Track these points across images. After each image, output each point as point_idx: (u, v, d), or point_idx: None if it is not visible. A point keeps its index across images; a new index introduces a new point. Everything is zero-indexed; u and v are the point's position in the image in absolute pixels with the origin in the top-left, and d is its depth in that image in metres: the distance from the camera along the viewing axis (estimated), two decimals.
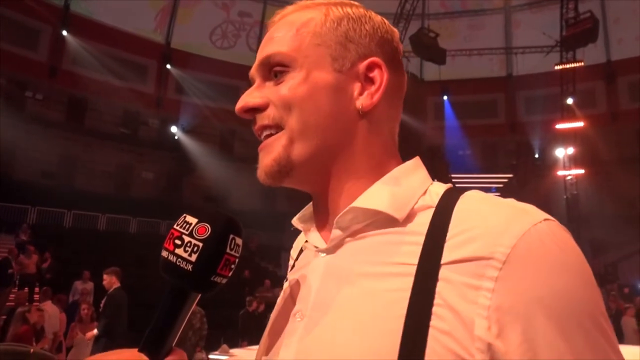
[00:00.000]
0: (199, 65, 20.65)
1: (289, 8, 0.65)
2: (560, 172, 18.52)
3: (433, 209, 0.56)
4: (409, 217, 0.56)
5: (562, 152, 18.52)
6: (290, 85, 0.60)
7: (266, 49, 0.63)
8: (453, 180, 18.51)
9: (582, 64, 17.18)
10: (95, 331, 5.89)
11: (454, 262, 0.50)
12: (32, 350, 2.81)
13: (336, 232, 0.59)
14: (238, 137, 21.07)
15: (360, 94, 0.61)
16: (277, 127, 0.61)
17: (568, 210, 18.25)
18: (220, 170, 19.30)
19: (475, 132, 21.39)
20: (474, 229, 0.50)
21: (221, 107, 20.75)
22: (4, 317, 7.13)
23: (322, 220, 0.64)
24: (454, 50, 19.38)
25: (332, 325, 0.54)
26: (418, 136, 18.37)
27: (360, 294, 0.53)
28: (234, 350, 6.99)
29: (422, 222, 0.55)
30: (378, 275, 0.53)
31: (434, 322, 0.48)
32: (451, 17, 22.82)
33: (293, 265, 0.72)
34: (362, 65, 0.61)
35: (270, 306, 10.66)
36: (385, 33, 0.65)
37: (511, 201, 0.54)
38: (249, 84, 0.66)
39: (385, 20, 0.66)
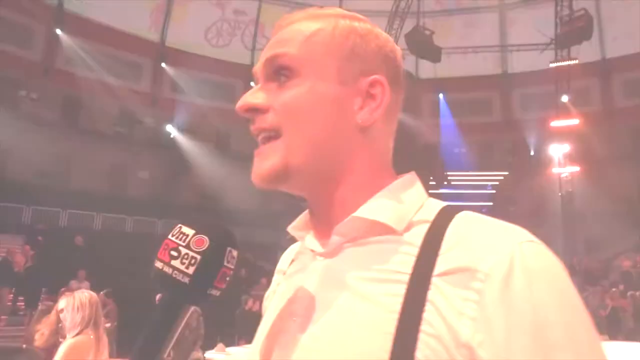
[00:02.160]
0: (194, 63, 20.58)
1: (298, 15, 0.67)
2: (555, 170, 18.58)
3: (429, 224, 0.58)
4: (406, 229, 0.59)
5: (557, 150, 18.58)
6: (295, 93, 0.61)
7: (274, 48, 0.63)
8: (449, 178, 18.57)
9: (577, 61, 17.22)
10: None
11: (445, 274, 0.53)
12: (24, 346, 2.82)
13: (335, 238, 0.61)
14: (234, 136, 21.02)
15: (361, 108, 0.62)
16: (275, 132, 0.61)
17: (563, 208, 18.34)
18: (216, 169, 19.25)
19: (471, 130, 21.43)
20: (465, 244, 0.54)
21: (217, 106, 20.70)
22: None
23: (319, 227, 0.66)
24: (449, 48, 19.39)
25: (327, 325, 0.56)
26: (413, 134, 18.40)
27: (355, 297, 0.56)
28: (230, 349, 7.00)
29: (418, 234, 0.58)
30: (374, 280, 0.56)
31: (424, 326, 0.51)
32: (446, 15, 22.83)
33: (285, 273, 0.73)
34: (366, 82, 0.63)
35: None
36: (390, 52, 0.66)
37: (502, 222, 0.57)
38: (244, 82, 0.66)
39: (390, 38, 0.68)
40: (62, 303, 2.96)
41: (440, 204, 0.62)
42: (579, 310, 0.51)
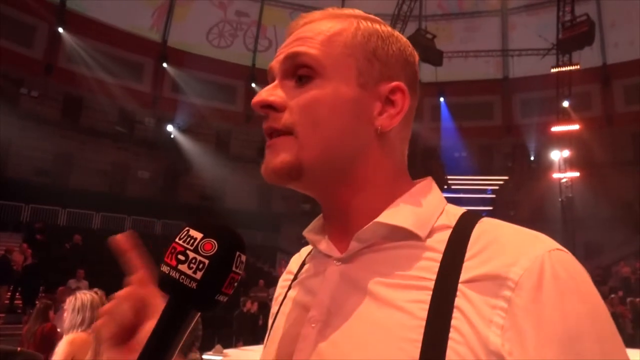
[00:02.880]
0: (195, 64, 20.60)
1: (317, 14, 0.65)
2: (556, 175, 18.59)
3: (451, 229, 0.58)
4: (429, 234, 0.58)
5: (557, 155, 18.60)
6: (314, 94, 0.59)
7: (294, 46, 0.62)
8: (449, 182, 18.58)
9: (578, 67, 17.24)
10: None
11: (472, 281, 0.52)
12: (19, 349, 2.81)
13: (354, 244, 0.60)
14: (234, 137, 21.04)
15: (380, 114, 0.61)
16: (288, 133, 0.60)
17: (563, 213, 18.34)
18: (216, 170, 19.27)
19: (471, 134, 21.45)
20: (491, 251, 0.53)
21: (217, 107, 20.72)
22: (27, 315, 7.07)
23: (335, 232, 0.64)
24: (451, 52, 19.42)
25: (348, 331, 0.55)
26: (414, 137, 18.32)
27: (377, 303, 0.55)
28: (228, 351, 6.98)
29: (441, 240, 0.57)
30: (396, 286, 0.55)
31: (452, 334, 0.50)
32: (448, 19, 22.88)
33: (295, 279, 0.71)
34: (386, 87, 0.61)
35: (264, 306, 10.66)
36: (410, 56, 0.65)
37: (527, 229, 0.56)
38: (245, 83, 0.65)
39: (409, 43, 0.66)
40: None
41: (460, 210, 0.61)
42: (609, 322, 0.51)
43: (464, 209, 0.62)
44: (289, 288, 0.70)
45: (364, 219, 0.59)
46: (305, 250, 0.75)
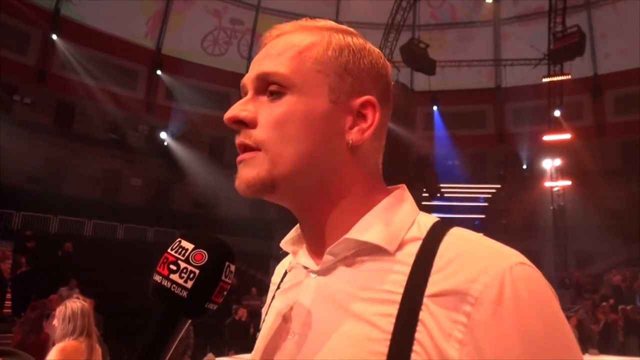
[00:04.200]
0: (189, 71, 20.61)
1: (289, 26, 0.65)
2: (548, 184, 18.72)
3: (420, 242, 0.58)
4: (399, 247, 0.59)
5: (549, 164, 18.73)
6: (286, 110, 0.60)
7: (264, 64, 0.62)
8: (442, 190, 18.63)
9: (570, 77, 17.45)
10: None
11: (436, 295, 0.53)
12: (13, 349, 2.77)
13: (328, 257, 0.61)
14: (228, 144, 20.99)
15: (351, 127, 0.62)
16: (258, 149, 0.61)
17: (555, 222, 18.43)
18: (210, 177, 19.20)
19: (464, 143, 21.57)
20: (456, 266, 0.54)
21: (211, 114, 20.69)
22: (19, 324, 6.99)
23: (311, 244, 0.66)
24: (444, 61, 19.56)
25: (321, 343, 0.57)
26: (407, 146, 18.47)
27: (349, 316, 0.56)
28: (220, 359, 6.93)
29: (410, 252, 0.58)
30: (366, 300, 0.56)
31: (415, 347, 0.51)
32: (441, 29, 23.07)
33: (278, 288, 0.73)
34: (357, 102, 0.62)
35: (256, 314, 10.59)
36: (382, 68, 0.65)
37: (494, 242, 0.57)
38: (239, 91, 0.66)
39: (381, 53, 0.67)
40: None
41: (432, 220, 0.62)
42: (567, 336, 0.51)
43: (436, 218, 0.62)
44: (273, 298, 0.72)
45: (339, 231, 0.61)
46: (287, 260, 0.76)
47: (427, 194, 18.05)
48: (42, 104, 17.19)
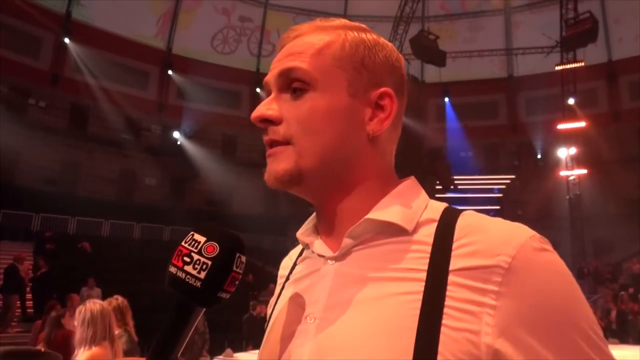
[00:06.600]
0: (200, 70, 20.72)
1: (306, 27, 0.69)
2: (563, 173, 18.50)
3: (436, 223, 0.61)
4: (415, 229, 0.62)
5: (564, 153, 18.51)
6: (310, 106, 0.63)
7: (286, 61, 0.66)
8: (455, 182, 18.51)
9: (583, 64, 17.18)
10: None
11: (462, 270, 0.56)
12: (43, 350, 2.79)
13: (347, 241, 0.63)
14: (240, 142, 21.10)
15: (371, 119, 0.65)
16: (286, 143, 0.64)
17: (571, 211, 18.22)
18: (223, 175, 19.33)
19: (477, 134, 21.39)
20: (478, 242, 0.57)
21: (223, 112, 20.81)
22: (40, 321, 7.13)
23: (327, 232, 0.68)
24: (455, 52, 19.40)
25: (345, 325, 0.58)
26: (419, 138, 18.37)
27: (372, 296, 0.58)
28: (237, 354, 7.00)
29: (428, 233, 0.61)
30: (389, 280, 0.58)
31: (446, 320, 0.53)
32: (451, 19, 22.86)
33: (287, 279, 0.74)
34: (375, 94, 0.66)
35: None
36: (395, 61, 0.69)
37: (505, 220, 0.61)
38: (250, 88, 0.68)
39: (394, 47, 0.71)
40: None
41: (442, 205, 0.65)
42: (583, 299, 0.56)
43: (445, 204, 0.66)
44: (282, 288, 0.74)
45: (356, 219, 0.63)
46: (295, 253, 0.78)
47: (440, 187, 17.93)
48: (56, 107, 17.44)
